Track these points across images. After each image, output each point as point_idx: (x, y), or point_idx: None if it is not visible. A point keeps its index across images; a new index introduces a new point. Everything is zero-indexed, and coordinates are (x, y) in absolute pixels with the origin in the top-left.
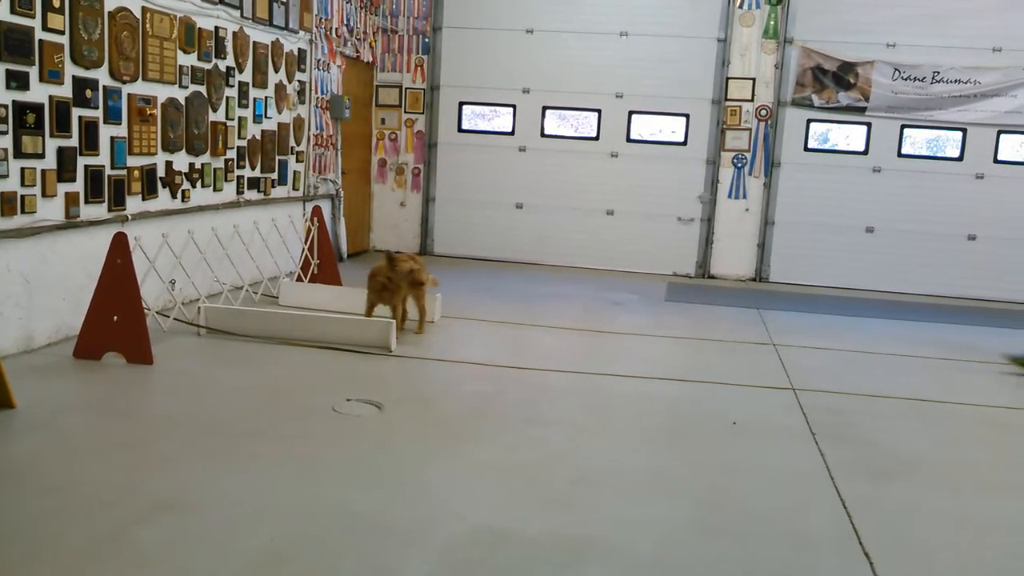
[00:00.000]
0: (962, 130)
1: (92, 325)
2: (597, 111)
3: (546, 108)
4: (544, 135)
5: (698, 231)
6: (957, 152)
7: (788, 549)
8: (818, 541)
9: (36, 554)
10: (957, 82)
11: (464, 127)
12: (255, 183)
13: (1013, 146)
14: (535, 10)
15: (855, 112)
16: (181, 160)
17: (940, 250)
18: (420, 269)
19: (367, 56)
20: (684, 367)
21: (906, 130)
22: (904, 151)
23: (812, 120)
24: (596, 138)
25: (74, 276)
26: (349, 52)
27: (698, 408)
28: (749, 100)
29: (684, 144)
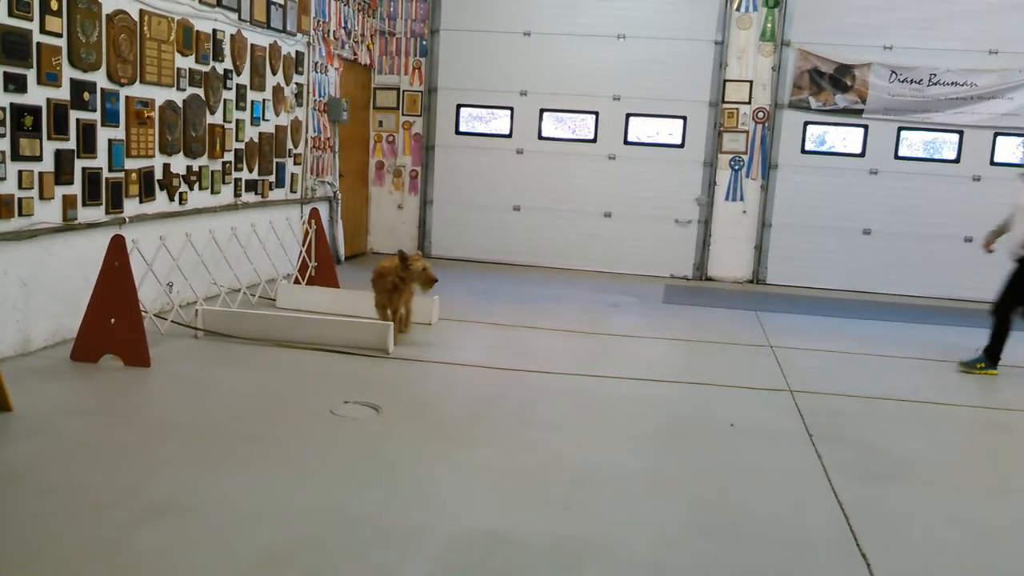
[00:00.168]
0: (959, 132)
1: (89, 328)
2: (594, 113)
3: (543, 110)
4: (542, 137)
5: (695, 233)
6: (954, 154)
7: (785, 551)
8: (815, 542)
9: (34, 557)
10: (954, 84)
11: (462, 129)
12: (253, 185)
13: (1009, 148)
14: (532, 13)
15: (852, 114)
16: (179, 163)
17: (937, 252)
18: (429, 266)
19: (365, 59)
20: (682, 369)
21: (903, 132)
22: (901, 153)
23: (809, 122)
24: (594, 140)
25: (71, 279)
26: (347, 55)
27: (695, 410)
28: (746, 102)
29: (681, 146)
